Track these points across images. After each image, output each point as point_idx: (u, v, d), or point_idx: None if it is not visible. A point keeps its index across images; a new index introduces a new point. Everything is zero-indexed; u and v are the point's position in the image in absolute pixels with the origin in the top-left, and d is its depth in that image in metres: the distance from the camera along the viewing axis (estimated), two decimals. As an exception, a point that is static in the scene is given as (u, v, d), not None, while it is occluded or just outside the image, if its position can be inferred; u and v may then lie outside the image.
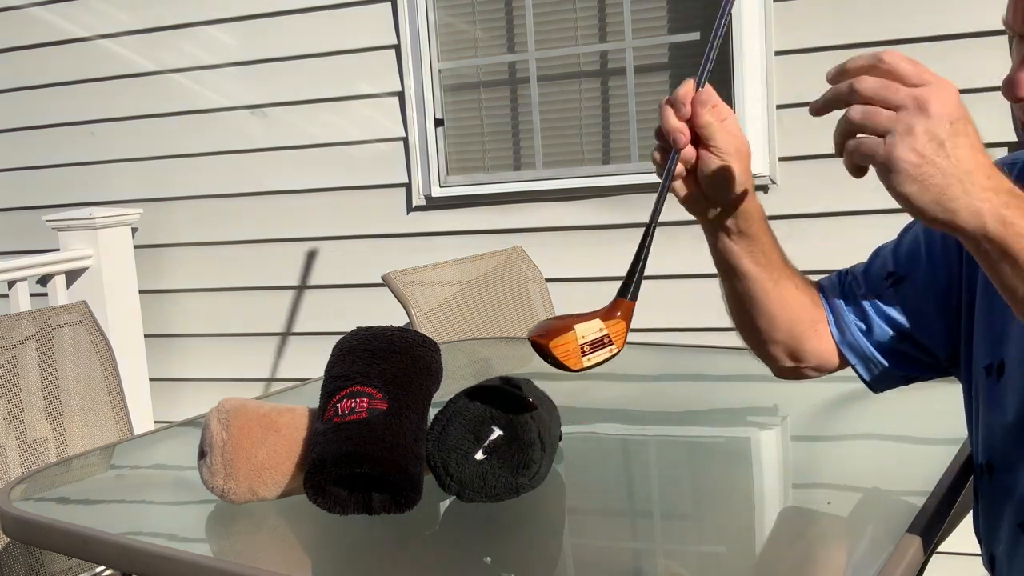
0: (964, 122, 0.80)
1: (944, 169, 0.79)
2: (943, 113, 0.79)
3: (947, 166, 0.79)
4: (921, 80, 0.81)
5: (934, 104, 0.79)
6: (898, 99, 0.80)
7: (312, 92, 3.33)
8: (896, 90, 0.80)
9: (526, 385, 1.28)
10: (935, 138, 0.79)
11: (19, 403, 1.96)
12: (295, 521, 1.21)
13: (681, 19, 2.93)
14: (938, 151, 0.79)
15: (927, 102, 0.79)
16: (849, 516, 1.17)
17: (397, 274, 2.48)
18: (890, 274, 1.20)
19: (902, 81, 0.81)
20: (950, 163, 0.79)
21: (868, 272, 1.23)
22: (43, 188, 3.78)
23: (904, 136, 0.79)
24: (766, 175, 2.81)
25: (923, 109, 0.79)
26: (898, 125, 0.79)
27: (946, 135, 0.79)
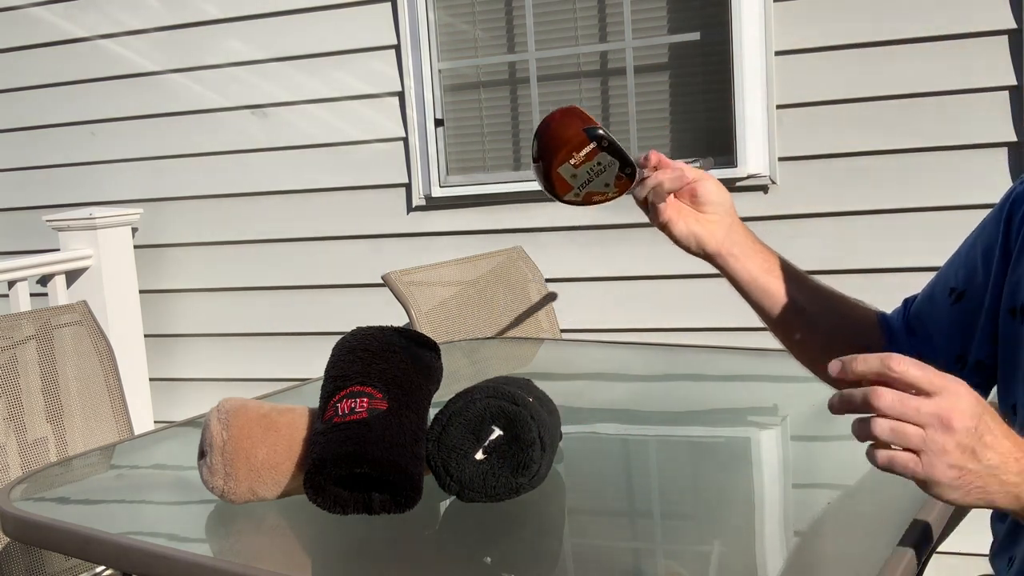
0: (985, 418, 0.85)
1: (980, 473, 0.85)
2: (966, 425, 0.83)
3: (982, 469, 0.85)
4: (932, 387, 0.84)
5: (956, 417, 0.83)
6: (921, 419, 0.83)
7: (312, 92, 3.33)
8: (916, 409, 0.83)
9: (526, 385, 1.28)
10: (966, 449, 0.84)
11: (19, 403, 1.96)
12: (295, 521, 1.21)
13: (681, 19, 2.93)
14: (971, 459, 0.84)
15: (950, 418, 0.83)
16: (849, 516, 1.17)
17: (397, 274, 2.48)
18: (952, 290, 1.20)
19: (916, 388, 0.84)
20: (983, 466, 0.85)
21: (932, 291, 1.24)
22: (43, 188, 3.78)
23: (939, 455, 0.84)
24: (766, 175, 2.81)
25: (948, 426, 0.83)
26: (931, 445, 0.84)
27: (975, 442, 0.84)
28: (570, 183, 1.07)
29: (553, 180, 1.07)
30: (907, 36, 2.65)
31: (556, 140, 1.06)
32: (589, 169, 1.06)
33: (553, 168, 1.06)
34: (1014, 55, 2.53)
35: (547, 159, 1.06)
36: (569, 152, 1.05)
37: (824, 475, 1.35)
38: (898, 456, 0.85)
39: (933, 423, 0.83)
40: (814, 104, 2.77)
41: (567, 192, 1.08)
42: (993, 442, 0.85)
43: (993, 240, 1.15)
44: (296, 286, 3.45)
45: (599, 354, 2.25)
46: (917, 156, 2.68)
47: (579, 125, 1.06)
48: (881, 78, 2.69)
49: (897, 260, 2.68)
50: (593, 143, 1.05)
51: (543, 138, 1.08)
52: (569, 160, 1.06)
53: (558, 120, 1.07)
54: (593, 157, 1.06)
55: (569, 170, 1.06)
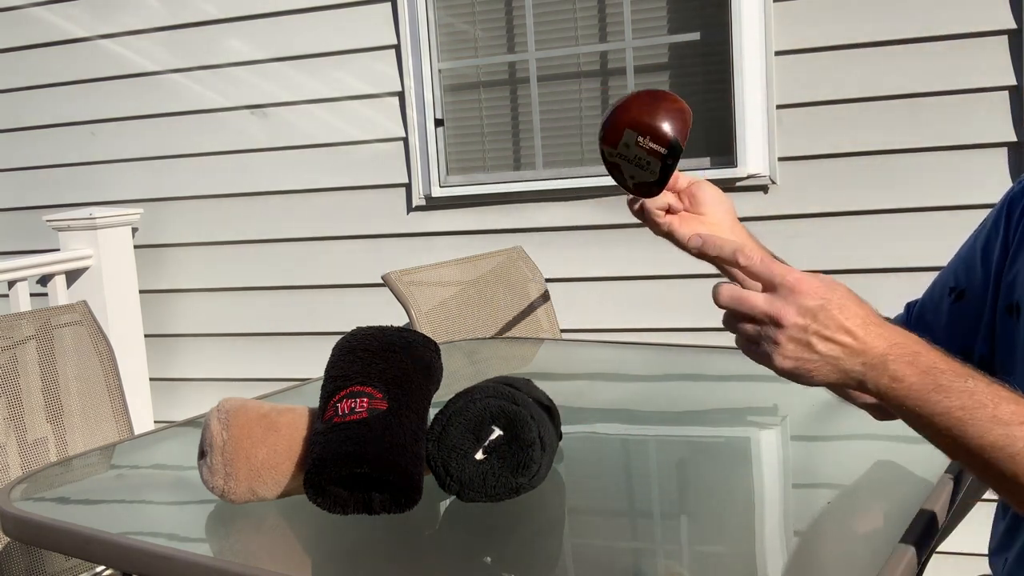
0: (826, 314, 0.90)
1: (818, 362, 0.91)
2: (795, 321, 0.90)
3: (819, 359, 0.91)
4: (772, 283, 0.92)
5: (787, 314, 0.90)
6: (755, 314, 0.92)
7: (312, 92, 3.33)
8: (752, 306, 0.92)
9: (526, 385, 1.28)
10: (800, 342, 0.91)
11: (19, 403, 1.96)
12: (295, 521, 1.21)
13: (681, 19, 2.93)
14: (807, 351, 0.91)
15: (780, 314, 0.90)
16: (849, 516, 1.17)
17: (397, 274, 2.48)
18: (952, 289, 1.21)
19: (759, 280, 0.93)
20: (821, 356, 0.91)
21: (932, 291, 1.25)
22: (43, 188, 3.78)
23: (772, 347, 0.92)
24: (766, 175, 2.81)
25: (778, 322, 0.90)
26: (764, 338, 0.92)
27: (809, 336, 0.90)
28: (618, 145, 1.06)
29: (613, 131, 1.06)
30: (907, 36, 2.65)
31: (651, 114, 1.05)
32: (639, 156, 1.06)
33: (623, 126, 1.05)
34: (1014, 55, 2.53)
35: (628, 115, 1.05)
36: (648, 131, 1.05)
37: (824, 475, 1.35)
38: (741, 346, 0.95)
39: (765, 319, 0.91)
40: (814, 104, 2.77)
41: (608, 146, 1.06)
42: (832, 335, 0.90)
43: (993, 239, 1.15)
44: (296, 286, 3.45)
45: (599, 354, 2.25)
46: (917, 156, 2.68)
47: (677, 126, 1.05)
48: (881, 78, 2.69)
49: (897, 260, 2.68)
50: (665, 151, 1.05)
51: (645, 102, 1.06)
52: (639, 135, 1.05)
53: (672, 104, 1.06)
54: (649, 155, 1.05)
55: (631, 137, 1.05)
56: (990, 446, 0.88)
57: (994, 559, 1.18)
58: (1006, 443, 0.87)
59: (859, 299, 0.94)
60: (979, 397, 0.89)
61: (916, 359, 0.90)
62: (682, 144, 1.06)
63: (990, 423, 0.88)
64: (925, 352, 0.91)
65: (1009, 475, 0.88)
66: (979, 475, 0.92)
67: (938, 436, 0.91)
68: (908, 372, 0.90)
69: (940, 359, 0.91)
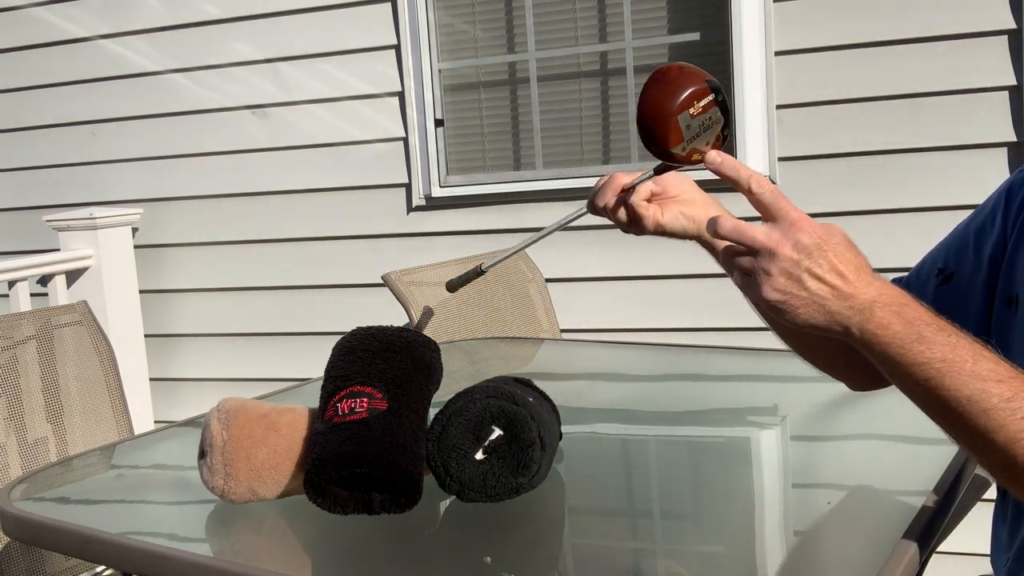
0: (821, 254, 0.92)
1: (805, 299, 0.92)
2: (790, 254, 0.92)
3: (807, 296, 0.92)
4: (776, 215, 0.94)
5: (783, 246, 0.92)
6: (754, 244, 0.94)
7: (312, 92, 3.33)
8: (752, 237, 0.94)
9: (526, 385, 1.28)
10: (791, 276, 0.92)
11: (19, 403, 1.96)
12: (295, 521, 1.21)
13: (681, 19, 2.93)
14: (796, 286, 0.92)
15: (776, 246, 0.92)
16: (849, 516, 1.17)
17: (397, 274, 2.48)
18: (940, 271, 1.21)
19: (764, 210, 0.95)
20: (809, 293, 0.92)
21: (919, 271, 1.26)
22: (43, 188, 3.78)
23: (764, 278, 0.93)
24: (766, 175, 2.81)
25: (773, 253, 0.92)
26: (757, 268, 0.93)
27: (800, 271, 0.92)
28: (684, 134, 1.05)
29: (669, 129, 1.04)
30: (907, 36, 2.65)
31: (682, 87, 1.05)
32: (701, 122, 1.05)
33: (674, 115, 1.04)
34: (1014, 55, 2.53)
35: (668, 106, 1.04)
36: (692, 100, 1.04)
37: (824, 475, 1.35)
38: (734, 278, 0.97)
39: (763, 250, 0.93)
40: (814, 104, 2.77)
41: (678, 144, 1.06)
42: (824, 275, 0.92)
43: (988, 227, 1.15)
44: (296, 286, 3.45)
45: (599, 354, 2.25)
46: (917, 156, 2.68)
47: (701, 76, 1.06)
48: (881, 78, 2.69)
49: (897, 260, 2.67)
50: (713, 94, 1.05)
51: (664, 85, 1.05)
52: (689, 108, 1.04)
53: (679, 70, 1.06)
54: (708, 109, 1.05)
55: (686, 119, 1.04)
56: (966, 399, 0.89)
57: (995, 559, 1.18)
58: (981, 398, 0.89)
59: (855, 248, 0.95)
60: (960, 352, 0.90)
61: (903, 310, 0.92)
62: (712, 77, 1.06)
63: (968, 377, 0.89)
64: (912, 305, 0.93)
65: (982, 430, 0.89)
66: (952, 430, 0.93)
67: (915, 387, 0.92)
68: (893, 320, 0.91)
69: (925, 313, 0.93)
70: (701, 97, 1.05)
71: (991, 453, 0.90)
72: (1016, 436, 0.88)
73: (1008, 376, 0.90)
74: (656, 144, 1.07)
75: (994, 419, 0.88)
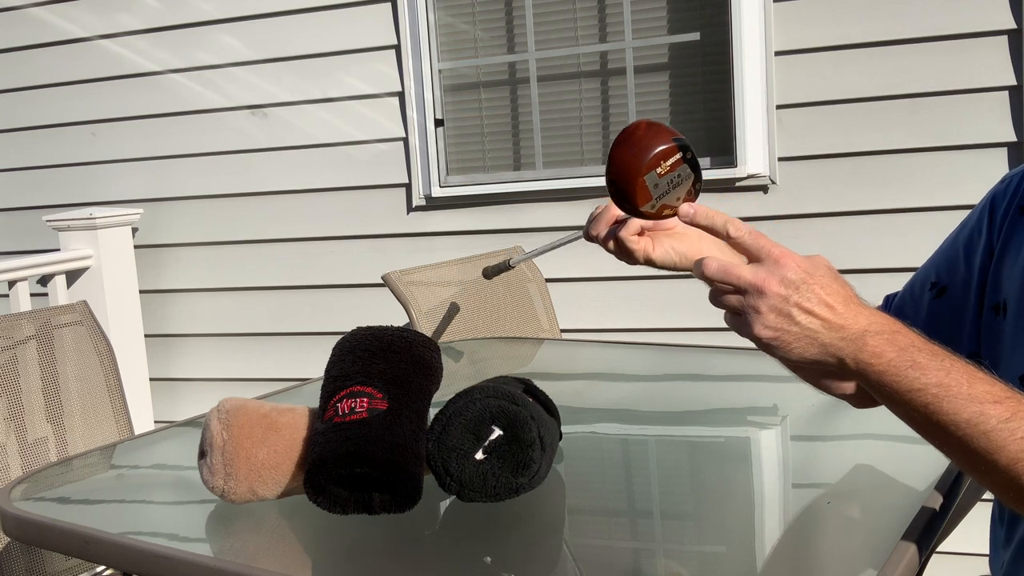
0: (807, 288, 0.92)
1: (798, 334, 0.93)
2: (778, 291, 0.92)
3: (799, 331, 0.92)
4: (759, 255, 0.94)
5: (770, 284, 0.92)
6: (741, 284, 0.94)
7: (312, 92, 3.33)
8: (737, 276, 0.94)
9: (526, 385, 1.28)
10: (781, 312, 0.92)
11: (19, 403, 1.96)
12: (295, 521, 1.22)
13: (681, 19, 2.94)
14: (787, 322, 0.92)
15: (764, 284, 0.92)
16: (849, 516, 1.17)
17: (397, 274, 2.48)
18: (933, 284, 1.22)
19: (746, 252, 0.96)
20: (801, 328, 0.92)
21: (912, 287, 1.26)
22: (43, 188, 3.78)
23: (754, 317, 0.93)
24: (766, 175, 2.81)
25: (761, 292, 0.92)
26: (747, 308, 0.94)
27: (789, 307, 0.92)
28: (651, 193, 1.06)
29: (636, 189, 1.05)
30: (907, 36, 2.65)
31: (646, 148, 1.05)
32: (670, 180, 1.06)
33: (640, 176, 1.05)
34: (1014, 55, 2.53)
35: (634, 167, 1.05)
36: (658, 160, 1.05)
37: (824, 475, 1.35)
38: (725, 317, 0.97)
39: (750, 289, 0.93)
40: (814, 104, 2.77)
41: (646, 203, 1.06)
42: (813, 308, 0.92)
43: (976, 236, 1.16)
44: (296, 286, 3.45)
45: (599, 354, 2.25)
46: (917, 156, 2.68)
47: (668, 134, 1.06)
48: (881, 78, 2.69)
49: (897, 260, 2.68)
50: (680, 153, 1.05)
51: (630, 147, 1.06)
52: (656, 168, 1.05)
53: (645, 129, 1.07)
54: (677, 167, 1.06)
55: (653, 179, 1.05)
56: (964, 423, 0.89)
57: (992, 558, 1.18)
58: (979, 420, 0.89)
59: (841, 279, 0.95)
60: (955, 375, 0.90)
61: (895, 337, 0.92)
62: (678, 133, 1.06)
63: (965, 400, 0.89)
64: (903, 331, 0.93)
65: (983, 452, 0.89)
66: (953, 454, 0.93)
67: (914, 413, 0.92)
68: (886, 348, 0.91)
69: (918, 339, 0.93)
70: (668, 156, 1.05)
71: (994, 475, 0.90)
72: (1017, 456, 0.87)
73: (1004, 396, 0.90)
74: (625, 203, 1.08)
75: (994, 440, 0.88)
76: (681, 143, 1.06)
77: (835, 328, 0.92)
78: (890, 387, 0.92)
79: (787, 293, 0.92)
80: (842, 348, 0.92)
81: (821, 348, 0.93)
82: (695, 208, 1.00)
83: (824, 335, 0.92)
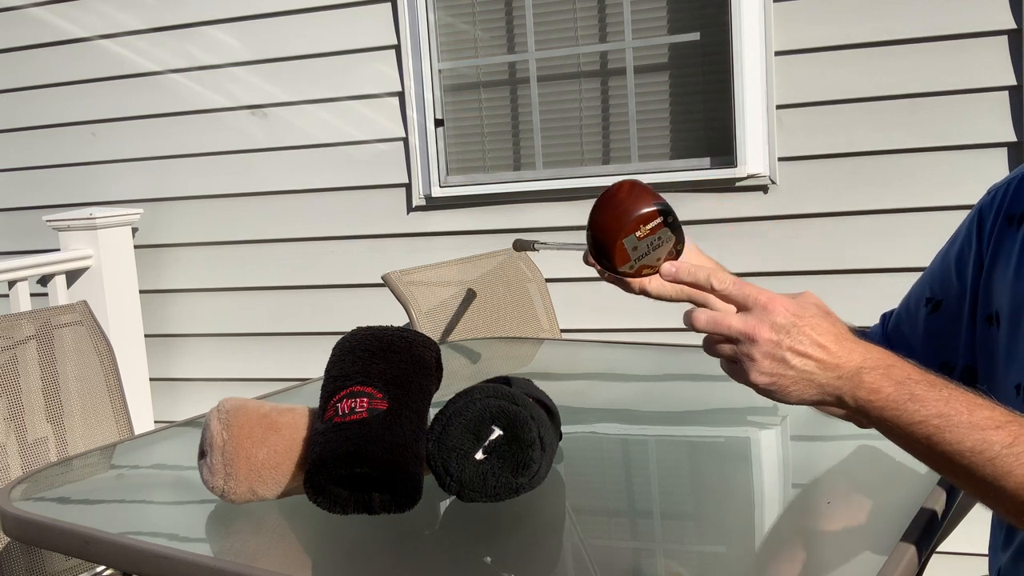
0: (798, 331, 0.93)
1: (795, 377, 0.93)
2: (769, 338, 0.93)
3: (796, 374, 0.93)
4: (747, 303, 0.95)
5: (761, 331, 0.93)
6: (732, 334, 0.95)
7: (312, 92, 3.33)
8: (728, 326, 0.95)
9: (526, 385, 1.28)
10: (775, 358, 0.93)
11: (19, 403, 1.96)
12: (295, 521, 1.22)
13: (681, 19, 2.93)
14: (782, 366, 0.93)
15: (755, 332, 0.93)
16: (849, 516, 1.17)
17: (397, 274, 2.48)
18: (928, 300, 1.23)
19: (733, 303, 0.96)
20: (797, 371, 0.93)
21: (908, 304, 1.27)
22: (43, 188, 3.78)
23: (749, 364, 0.94)
24: (766, 175, 2.81)
25: (753, 340, 0.93)
26: (741, 356, 0.95)
27: (783, 351, 0.93)
28: (630, 255, 1.07)
29: (615, 251, 1.06)
30: (907, 36, 2.65)
31: (626, 213, 1.06)
32: (649, 242, 1.07)
33: (619, 240, 1.06)
34: (1014, 55, 2.53)
35: (613, 231, 1.06)
36: (638, 224, 1.06)
37: (824, 475, 1.35)
38: (722, 365, 0.99)
39: (742, 338, 0.94)
40: (814, 104, 2.77)
41: (624, 264, 1.07)
42: (806, 350, 0.93)
43: (966, 249, 1.18)
44: (296, 286, 3.45)
45: (599, 354, 2.25)
46: (917, 156, 2.68)
47: (649, 199, 1.06)
48: (881, 78, 2.69)
49: (897, 260, 2.68)
50: (660, 218, 1.06)
51: (610, 209, 1.07)
52: (635, 232, 1.06)
53: (627, 192, 1.07)
54: (657, 231, 1.06)
55: (632, 242, 1.06)
56: (968, 451, 0.89)
57: (992, 559, 1.18)
58: (983, 448, 0.89)
59: (832, 316, 0.96)
60: (954, 404, 0.91)
61: (890, 371, 0.92)
62: (660, 197, 1.07)
63: (967, 429, 0.89)
64: (899, 364, 0.93)
65: (990, 479, 0.89)
66: (960, 482, 0.93)
67: (917, 444, 0.93)
68: (884, 383, 0.92)
69: (914, 371, 0.93)
70: (648, 221, 1.06)
71: (1004, 501, 0.90)
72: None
73: (1005, 421, 0.90)
74: (605, 261, 1.09)
75: (1000, 467, 0.88)
76: (662, 207, 1.06)
77: (830, 368, 0.93)
78: (891, 421, 0.92)
79: (779, 338, 0.93)
80: (839, 387, 0.93)
81: (819, 388, 0.94)
82: (676, 267, 1.01)
83: (820, 376, 0.93)
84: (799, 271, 2.75)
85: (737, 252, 2.79)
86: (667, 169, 2.92)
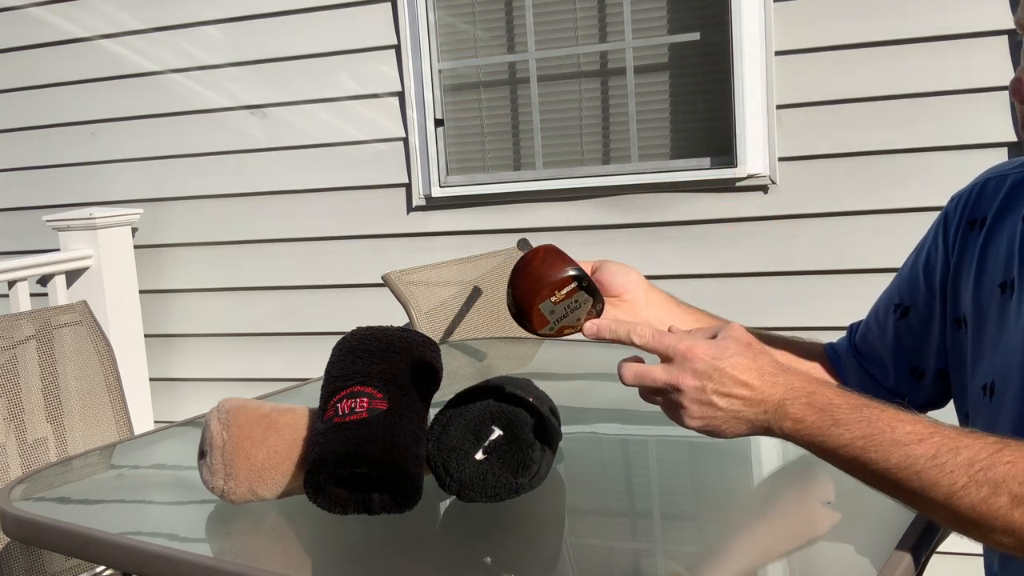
0: (718, 374, 0.96)
1: (725, 417, 0.97)
2: (692, 384, 0.96)
3: (724, 414, 0.97)
4: (667, 355, 0.99)
5: (683, 379, 0.97)
6: (657, 385, 0.99)
7: (312, 92, 3.33)
8: (653, 379, 0.99)
9: (526, 385, 1.28)
10: (702, 402, 0.97)
11: (19, 403, 1.96)
12: (295, 521, 1.21)
13: (681, 19, 2.94)
14: (711, 409, 0.97)
15: (677, 381, 0.97)
16: (849, 516, 1.17)
17: (397, 274, 2.48)
18: (897, 306, 1.26)
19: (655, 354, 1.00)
20: (725, 411, 0.97)
21: (876, 312, 1.30)
22: (43, 188, 3.78)
23: (679, 411, 0.98)
24: (766, 175, 2.81)
25: (677, 388, 0.97)
26: (671, 404, 0.99)
27: (709, 395, 0.96)
28: (547, 318, 1.10)
29: (532, 316, 1.09)
30: (907, 36, 2.65)
31: (540, 279, 1.09)
32: (566, 306, 1.10)
33: (535, 305, 1.09)
34: (1014, 55, 2.53)
35: (529, 296, 1.09)
36: (552, 291, 1.09)
37: (824, 475, 1.34)
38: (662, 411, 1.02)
39: (669, 388, 0.98)
40: (814, 104, 2.77)
41: (544, 326, 1.10)
42: (730, 391, 0.96)
43: (933, 255, 1.22)
44: (296, 286, 3.45)
45: (599, 354, 2.25)
46: (917, 156, 2.68)
47: (562, 266, 1.09)
48: (881, 78, 2.69)
49: (897, 260, 2.66)
50: (575, 283, 1.09)
51: (525, 276, 1.10)
52: (551, 298, 1.09)
53: (541, 259, 1.11)
54: (572, 296, 1.09)
55: (548, 307, 1.09)
56: (895, 468, 0.91)
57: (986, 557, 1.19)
58: (909, 463, 0.90)
59: (753, 349, 0.98)
60: (877, 424, 0.92)
61: (812, 398, 0.94)
62: (575, 263, 1.10)
63: (891, 446, 0.91)
64: (820, 391, 0.95)
65: (919, 492, 0.91)
66: (895, 496, 0.95)
67: (847, 466, 0.94)
68: (806, 412, 0.94)
69: (835, 395, 0.95)
70: (562, 287, 1.08)
71: (937, 511, 0.92)
72: (951, 491, 0.89)
73: (928, 434, 0.91)
74: (525, 323, 1.11)
75: (926, 479, 0.90)
76: (576, 275, 1.08)
77: (755, 403, 0.96)
78: (819, 447, 0.95)
79: (702, 384, 0.96)
80: (767, 420, 0.96)
81: (749, 424, 0.97)
82: (598, 325, 1.05)
83: (747, 412, 0.96)
84: (799, 271, 2.74)
85: (737, 252, 2.79)
86: (667, 169, 2.92)
